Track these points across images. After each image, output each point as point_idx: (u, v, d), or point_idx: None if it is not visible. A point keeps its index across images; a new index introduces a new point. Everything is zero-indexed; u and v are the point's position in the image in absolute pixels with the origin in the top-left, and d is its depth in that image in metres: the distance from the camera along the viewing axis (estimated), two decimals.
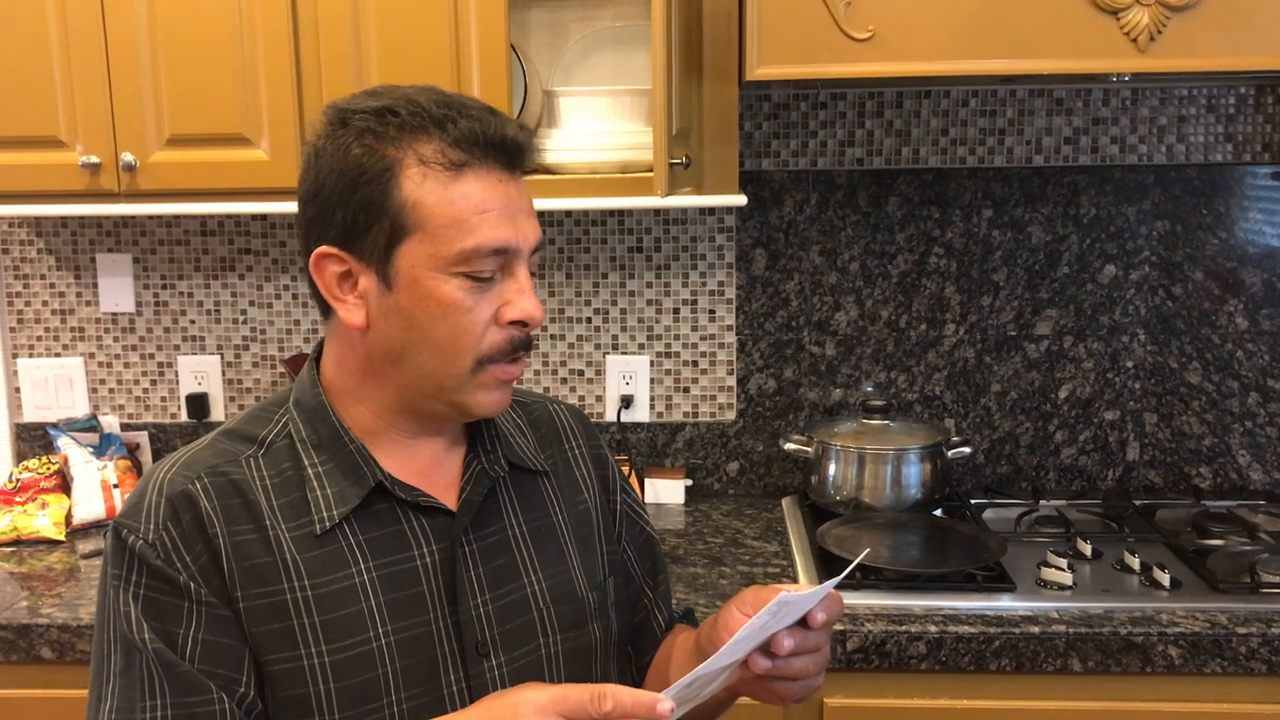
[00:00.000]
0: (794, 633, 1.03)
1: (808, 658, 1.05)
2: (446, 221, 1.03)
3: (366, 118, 1.05)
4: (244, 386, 2.32)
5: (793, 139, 2.18)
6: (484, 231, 1.04)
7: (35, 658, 1.70)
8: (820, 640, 1.06)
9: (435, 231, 1.04)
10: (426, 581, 1.09)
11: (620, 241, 2.24)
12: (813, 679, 1.07)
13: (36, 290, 2.31)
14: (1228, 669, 1.60)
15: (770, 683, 1.06)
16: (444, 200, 1.03)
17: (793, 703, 1.10)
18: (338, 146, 1.05)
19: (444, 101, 1.06)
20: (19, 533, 2.04)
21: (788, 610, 1.01)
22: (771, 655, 1.03)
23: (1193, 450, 2.22)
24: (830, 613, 1.05)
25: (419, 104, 1.05)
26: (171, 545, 1.03)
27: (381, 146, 1.04)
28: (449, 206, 1.03)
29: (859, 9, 1.67)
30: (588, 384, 2.29)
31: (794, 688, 1.07)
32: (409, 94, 1.06)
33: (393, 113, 1.04)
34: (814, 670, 1.07)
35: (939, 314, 2.22)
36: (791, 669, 1.05)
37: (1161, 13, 1.65)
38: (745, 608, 1.06)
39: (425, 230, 1.04)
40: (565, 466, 1.26)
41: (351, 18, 1.85)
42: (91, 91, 1.89)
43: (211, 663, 1.02)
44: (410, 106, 1.04)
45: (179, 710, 1.01)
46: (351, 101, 1.08)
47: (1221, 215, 2.16)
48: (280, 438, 1.11)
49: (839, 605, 1.07)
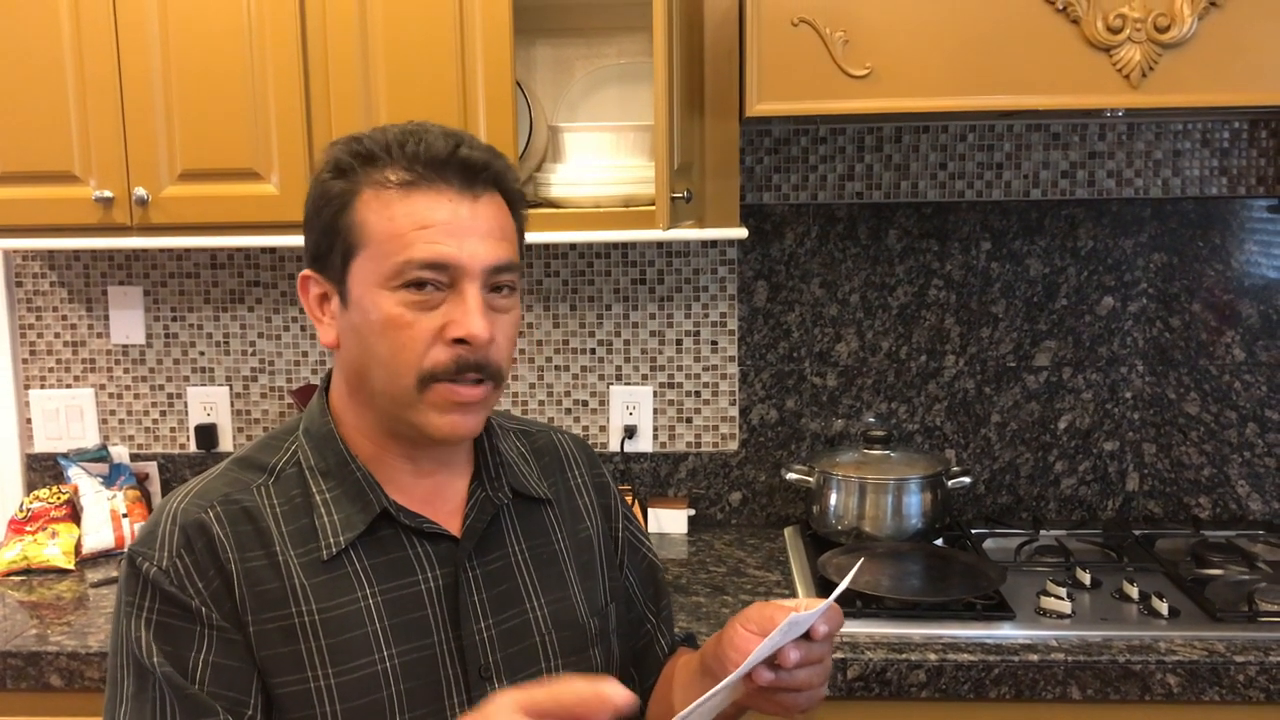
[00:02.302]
0: (798, 645, 1.06)
1: (811, 669, 1.08)
2: (385, 237, 1.07)
3: (341, 149, 1.10)
4: (252, 417, 2.35)
5: (793, 173, 2.22)
6: (419, 246, 1.06)
7: (44, 685, 1.71)
8: (823, 651, 1.09)
9: (376, 248, 1.07)
10: (430, 606, 1.11)
11: (624, 274, 2.27)
12: (816, 689, 1.10)
13: (49, 322, 2.35)
14: (1226, 697, 1.61)
15: (775, 694, 1.09)
16: (385, 218, 1.07)
17: (798, 713, 1.12)
18: (317, 178, 1.12)
19: (409, 129, 1.10)
20: (29, 562, 2.06)
21: (795, 628, 1.04)
22: (776, 668, 1.06)
23: (1192, 480, 2.24)
24: (831, 624, 1.08)
25: (385, 132, 1.10)
26: (185, 572, 1.06)
27: (345, 174, 1.09)
28: (389, 224, 1.07)
29: (856, 47, 1.70)
30: (591, 414, 2.32)
31: (799, 698, 1.10)
32: (385, 127, 1.11)
33: (358, 142, 1.10)
34: (818, 681, 1.10)
35: (939, 345, 2.24)
36: (796, 680, 1.07)
37: (1153, 50, 1.68)
38: (750, 625, 1.08)
39: (369, 247, 1.07)
40: (568, 495, 1.28)
41: (360, 55, 1.88)
42: (105, 128, 1.93)
43: (221, 685, 1.04)
44: (376, 136, 1.10)
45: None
46: (342, 138, 1.13)
47: (1218, 248, 2.18)
48: (290, 465, 1.14)
49: (839, 617, 1.10)
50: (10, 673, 1.71)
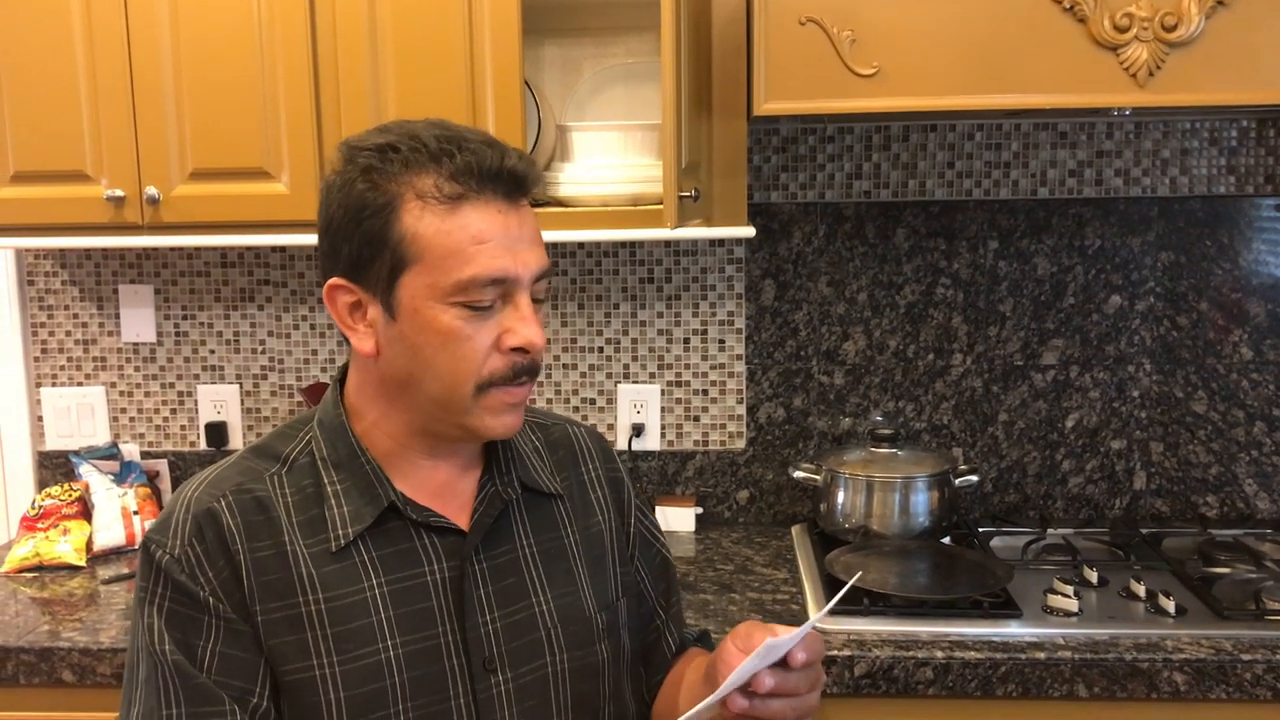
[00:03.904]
0: (774, 673, 1.04)
1: (786, 701, 1.06)
2: (443, 253, 1.07)
3: (370, 155, 1.09)
4: (262, 415, 2.36)
5: (801, 172, 2.22)
6: (480, 262, 1.07)
7: (56, 681, 1.72)
8: (798, 683, 1.06)
9: (433, 263, 1.07)
10: (436, 597, 1.13)
11: (631, 272, 2.28)
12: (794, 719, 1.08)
13: (60, 321, 2.36)
14: (1233, 695, 1.61)
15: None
16: (441, 232, 1.07)
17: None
18: (345, 182, 1.10)
19: (444, 136, 1.09)
20: (41, 558, 2.07)
21: (773, 652, 1.03)
22: (750, 694, 1.05)
23: (1199, 479, 2.24)
24: (810, 653, 1.06)
25: (420, 139, 1.08)
26: (195, 561, 1.08)
27: (383, 182, 1.08)
28: (446, 238, 1.07)
29: (864, 46, 1.71)
30: (599, 412, 2.32)
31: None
32: (413, 129, 1.10)
33: (394, 149, 1.08)
34: (792, 715, 1.07)
35: (946, 344, 2.25)
36: (770, 709, 1.06)
37: (1160, 49, 1.68)
38: (739, 641, 1.07)
39: (424, 262, 1.07)
40: (580, 489, 1.29)
41: (369, 55, 1.90)
42: (117, 127, 1.94)
43: (228, 674, 1.06)
44: (411, 142, 1.08)
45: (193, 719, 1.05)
46: (360, 138, 1.12)
47: (1225, 247, 2.18)
48: (303, 455, 1.16)
49: (819, 645, 1.09)
50: (23, 668, 1.72)
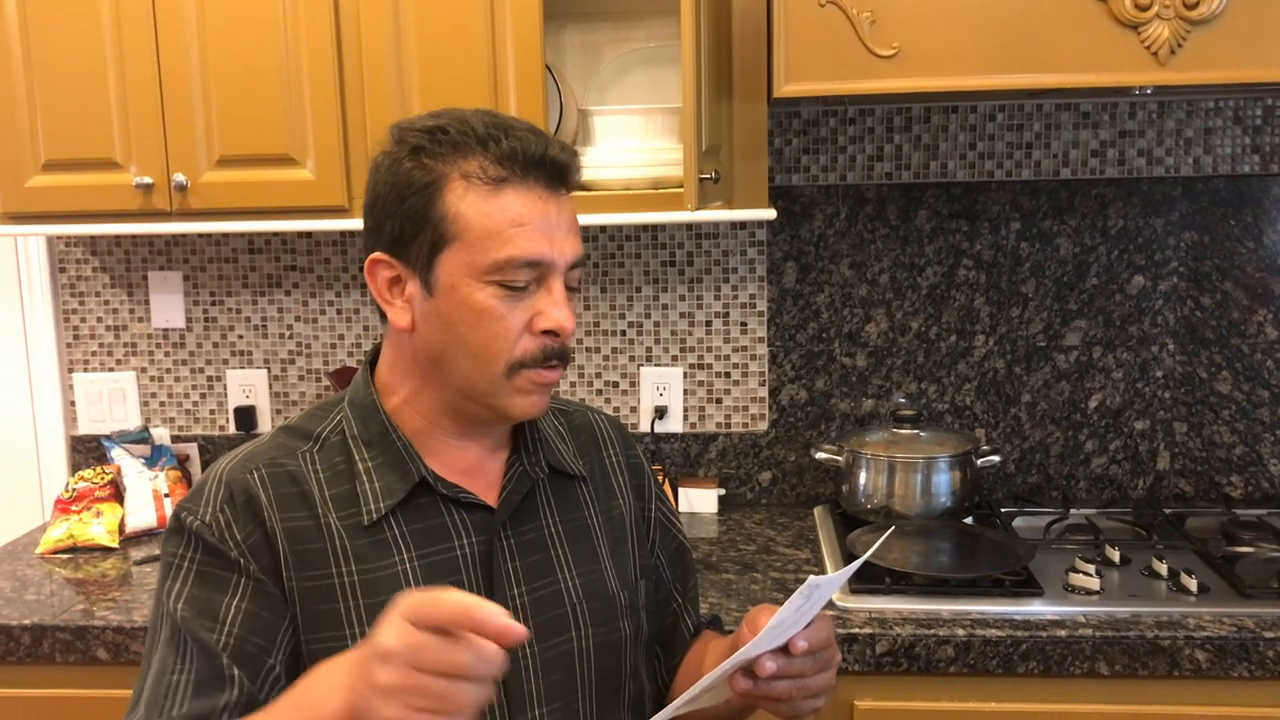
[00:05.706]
0: (776, 656, 1.07)
1: (790, 683, 1.08)
2: (483, 233, 1.10)
3: (420, 135, 1.12)
4: (290, 399, 2.39)
5: (822, 154, 2.22)
6: (518, 244, 1.10)
7: (91, 659, 1.76)
8: (803, 666, 1.09)
9: (473, 242, 1.10)
10: (465, 570, 1.15)
11: (653, 256, 2.29)
12: (803, 703, 1.11)
13: (91, 307, 2.40)
14: (1255, 673, 1.62)
15: (759, 702, 1.10)
16: (482, 213, 1.10)
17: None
18: (393, 161, 1.13)
19: (492, 123, 1.12)
20: (75, 540, 2.11)
21: (818, 594, 1.04)
22: (753, 676, 1.07)
23: (1223, 459, 2.23)
24: (813, 640, 1.08)
25: (469, 124, 1.12)
26: (225, 524, 1.10)
27: (430, 162, 1.11)
28: (487, 219, 1.09)
29: (883, 27, 1.71)
30: (622, 395, 2.34)
31: (782, 708, 1.12)
32: (463, 115, 1.13)
33: (443, 131, 1.11)
34: (799, 695, 1.10)
35: (968, 325, 2.25)
36: (774, 691, 1.08)
37: (1182, 26, 1.67)
38: (750, 624, 1.10)
39: (464, 240, 1.10)
40: (602, 473, 1.31)
41: (393, 42, 1.91)
42: (145, 115, 1.97)
43: (249, 630, 1.08)
44: (460, 126, 1.12)
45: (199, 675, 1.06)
46: (412, 121, 1.15)
47: (1249, 226, 2.17)
48: (334, 434, 1.18)
49: (825, 631, 1.11)
50: (59, 646, 1.76)
